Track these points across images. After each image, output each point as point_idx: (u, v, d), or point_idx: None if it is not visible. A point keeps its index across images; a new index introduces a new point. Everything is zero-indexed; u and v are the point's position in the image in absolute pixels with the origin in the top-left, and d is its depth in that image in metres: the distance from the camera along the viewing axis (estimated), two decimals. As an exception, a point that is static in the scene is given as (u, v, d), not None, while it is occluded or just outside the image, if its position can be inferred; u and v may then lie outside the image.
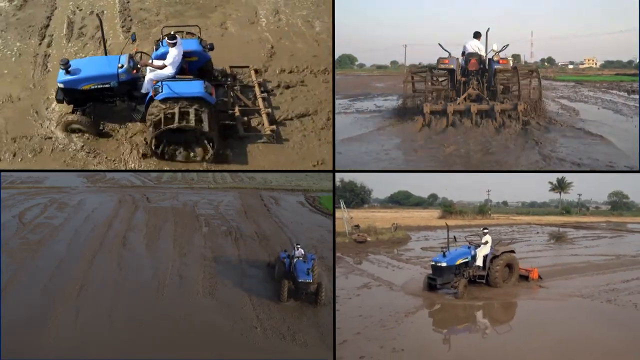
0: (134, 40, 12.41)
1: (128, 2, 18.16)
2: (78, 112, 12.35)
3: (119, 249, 16.86)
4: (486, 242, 14.67)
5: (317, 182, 31.10)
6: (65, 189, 29.88)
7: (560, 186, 55.35)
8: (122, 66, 11.98)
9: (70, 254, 16.20)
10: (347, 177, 43.63)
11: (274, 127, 12.83)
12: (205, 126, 11.33)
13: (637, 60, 30.21)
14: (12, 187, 29.58)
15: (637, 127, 15.37)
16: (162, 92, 11.51)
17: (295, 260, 12.82)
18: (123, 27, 17.05)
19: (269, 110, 13.40)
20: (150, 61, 12.22)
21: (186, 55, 12.38)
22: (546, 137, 13.26)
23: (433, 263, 14.24)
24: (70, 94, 12.26)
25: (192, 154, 11.98)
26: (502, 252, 14.88)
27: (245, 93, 14.28)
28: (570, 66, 65.66)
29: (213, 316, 11.84)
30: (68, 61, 12.06)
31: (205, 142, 11.71)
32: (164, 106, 11.50)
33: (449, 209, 43.53)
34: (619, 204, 57.57)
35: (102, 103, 12.64)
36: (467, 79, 12.07)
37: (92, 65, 12.22)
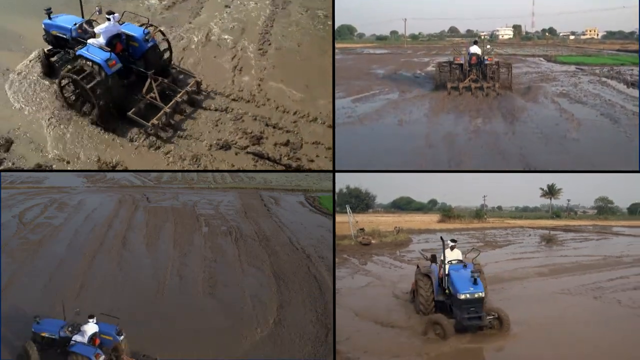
0: (100, 13, 14.08)
1: (272, 26, 17.74)
2: (48, 52, 14.70)
3: (119, 249, 16.87)
4: (460, 260, 12.17)
5: (317, 182, 31.10)
6: (65, 189, 29.89)
7: (551, 192, 59.08)
8: (75, 24, 14.05)
9: (71, 254, 16.22)
10: (353, 183, 45.29)
11: (156, 122, 13.14)
12: (91, 85, 12.73)
13: (638, 32, 30.07)
14: (12, 187, 29.58)
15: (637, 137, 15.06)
16: (80, 50, 13.24)
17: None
18: (260, 50, 16.59)
19: (169, 111, 13.46)
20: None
21: (129, 38, 14.02)
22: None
23: (467, 296, 10.79)
24: (48, 36, 14.66)
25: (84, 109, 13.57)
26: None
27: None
28: (572, 37, 66.02)
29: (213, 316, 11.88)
30: (50, 8, 14.43)
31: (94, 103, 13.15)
32: (79, 62, 13.16)
33: (447, 213, 44.74)
34: (604, 208, 61.42)
35: (65, 50, 14.66)
36: (470, 69, 18.85)
37: (63, 19, 14.42)
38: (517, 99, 18.96)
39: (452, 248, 12.24)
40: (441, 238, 12.44)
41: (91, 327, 9.66)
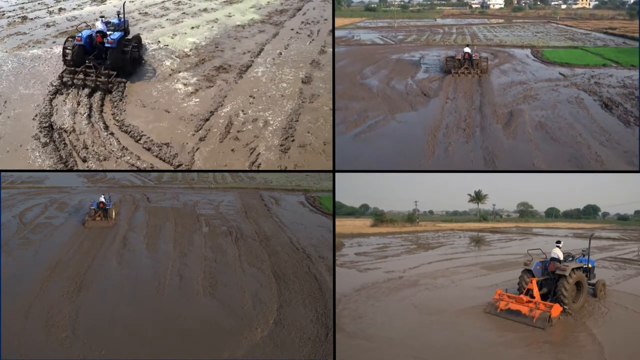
0: (119, 14, 20.03)
1: (297, 120, 16.25)
2: None
3: (119, 248, 16.88)
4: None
5: (317, 182, 31.13)
6: (65, 189, 29.93)
7: (478, 198, 66.80)
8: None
9: (70, 253, 16.22)
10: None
11: (62, 75, 17.72)
12: (64, 44, 18.45)
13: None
14: (12, 187, 29.62)
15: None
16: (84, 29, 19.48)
17: None
18: (282, 146, 15.01)
19: (71, 77, 17.60)
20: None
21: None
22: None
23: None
24: None
25: None
26: None
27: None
28: (564, 6, 67.38)
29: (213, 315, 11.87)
30: (118, 12, 20.38)
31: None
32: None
33: (380, 217, 46.48)
34: (525, 212, 72.61)
35: None
36: (464, 61, 26.34)
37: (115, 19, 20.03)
38: (499, 133, 17.34)
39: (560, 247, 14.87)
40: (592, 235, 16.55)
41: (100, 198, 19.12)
